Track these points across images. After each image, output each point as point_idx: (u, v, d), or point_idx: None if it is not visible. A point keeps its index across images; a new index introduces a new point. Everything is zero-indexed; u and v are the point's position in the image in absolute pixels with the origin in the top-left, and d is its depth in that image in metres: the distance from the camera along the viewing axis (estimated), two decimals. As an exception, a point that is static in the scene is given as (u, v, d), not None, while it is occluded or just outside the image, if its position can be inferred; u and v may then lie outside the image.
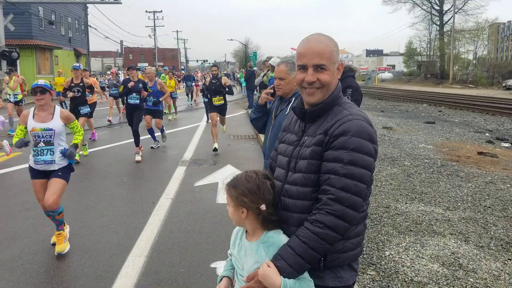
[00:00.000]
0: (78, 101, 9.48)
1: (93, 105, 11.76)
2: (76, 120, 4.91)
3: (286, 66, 3.37)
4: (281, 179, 1.93)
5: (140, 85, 9.46)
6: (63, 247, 4.56)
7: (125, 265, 4.27)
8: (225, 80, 10.18)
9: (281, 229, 1.88)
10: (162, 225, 5.38)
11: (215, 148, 9.98)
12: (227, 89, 10.01)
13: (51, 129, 4.55)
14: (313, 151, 1.80)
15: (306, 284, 1.74)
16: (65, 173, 4.66)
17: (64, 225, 4.75)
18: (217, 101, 10.14)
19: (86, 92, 9.77)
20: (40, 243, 4.84)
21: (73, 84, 9.43)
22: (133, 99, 9.63)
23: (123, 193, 6.84)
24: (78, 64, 9.65)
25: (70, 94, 9.32)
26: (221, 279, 2.01)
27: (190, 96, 24.32)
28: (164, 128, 11.29)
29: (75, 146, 4.72)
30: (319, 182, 1.77)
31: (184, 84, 24.06)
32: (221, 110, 10.43)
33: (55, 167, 4.60)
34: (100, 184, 7.44)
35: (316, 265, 1.77)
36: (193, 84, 23.87)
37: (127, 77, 10.07)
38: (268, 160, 2.25)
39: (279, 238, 1.83)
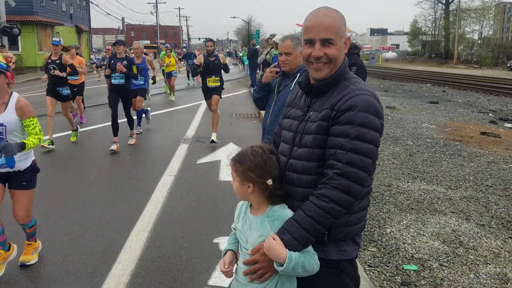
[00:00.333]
0: (56, 81, 8.39)
1: (80, 86, 10.91)
2: (35, 118, 3.64)
3: (292, 41, 3.34)
4: (285, 154, 1.92)
5: (125, 62, 8.14)
6: (29, 258, 3.82)
7: (128, 239, 4.32)
8: (222, 58, 8.92)
9: (285, 204, 1.88)
10: (165, 201, 5.42)
11: (213, 140, 8.48)
12: (222, 67, 8.79)
13: (1, 124, 3.47)
14: (319, 126, 1.78)
15: (310, 257, 1.75)
16: (29, 180, 3.69)
17: (36, 240, 3.95)
18: (212, 82, 8.66)
19: (68, 72, 8.61)
20: (43, 217, 4.88)
21: (50, 61, 8.39)
22: (117, 79, 8.29)
23: (126, 170, 6.87)
24: (58, 39, 8.62)
25: (43, 78, 8.64)
26: (225, 252, 2.01)
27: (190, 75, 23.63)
28: (147, 110, 10.47)
29: (21, 146, 3.41)
30: (325, 156, 1.77)
31: (185, 62, 23.46)
32: (217, 91, 8.89)
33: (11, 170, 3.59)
34: (103, 161, 7.47)
35: (320, 238, 1.79)
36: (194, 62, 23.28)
37: (114, 53, 8.77)
38: (268, 135, 2.25)
39: (284, 212, 1.84)
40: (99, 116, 11.97)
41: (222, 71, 8.86)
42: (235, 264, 1.97)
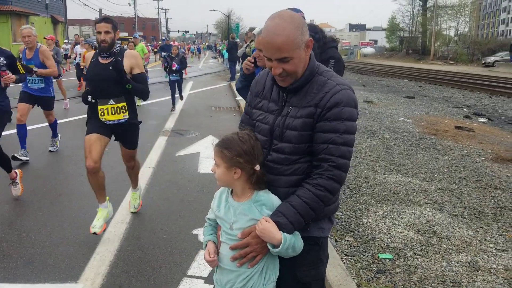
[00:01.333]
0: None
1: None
2: None
3: None
4: (263, 146, 1.96)
5: (1, 59, 5.07)
6: None
7: (107, 231, 4.30)
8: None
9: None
10: (144, 193, 5.39)
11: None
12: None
13: None
14: (304, 123, 1.86)
15: (298, 238, 1.87)
16: None
17: None
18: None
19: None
20: (20, 209, 4.81)
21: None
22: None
23: (104, 163, 6.77)
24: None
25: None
26: (205, 244, 2.03)
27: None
28: (56, 126, 7.52)
29: None
30: (314, 150, 1.87)
31: (162, 56, 21.94)
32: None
33: None
34: (80, 153, 7.35)
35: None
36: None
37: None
38: None
39: (270, 197, 1.90)
40: (74, 108, 11.79)
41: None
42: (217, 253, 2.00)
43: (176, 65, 11.71)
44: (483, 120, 12.17)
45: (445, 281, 3.44)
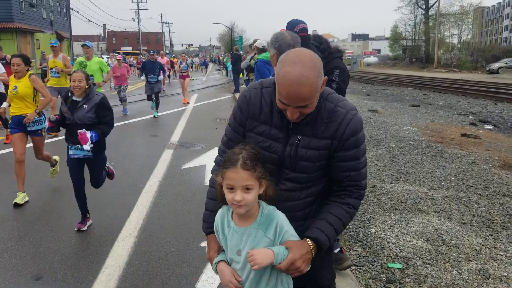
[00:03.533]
0: None
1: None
2: None
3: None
4: (270, 174, 1.87)
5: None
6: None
7: (115, 245, 4.31)
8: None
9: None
10: (151, 206, 5.41)
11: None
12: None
13: None
14: (320, 155, 1.86)
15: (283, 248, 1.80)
16: None
17: None
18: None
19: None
20: (28, 225, 4.84)
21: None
22: None
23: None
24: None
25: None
26: (216, 265, 1.93)
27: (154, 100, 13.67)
28: None
29: None
30: (336, 178, 1.92)
31: (145, 77, 13.62)
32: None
33: None
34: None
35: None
36: (160, 78, 13.86)
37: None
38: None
39: (276, 215, 1.83)
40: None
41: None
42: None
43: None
44: (489, 127, 12.13)
45: (456, 290, 3.41)
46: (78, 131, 4.35)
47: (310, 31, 4.67)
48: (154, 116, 13.26)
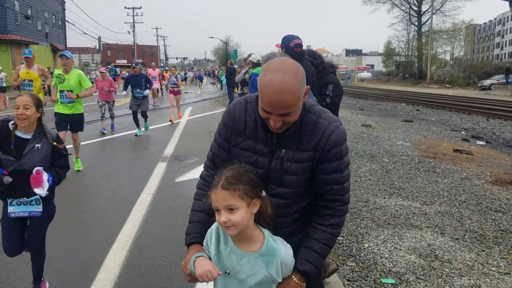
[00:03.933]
0: None
1: None
2: None
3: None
4: None
5: None
6: None
7: (107, 258, 4.27)
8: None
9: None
10: (143, 220, 5.38)
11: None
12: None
13: None
14: (304, 168, 1.85)
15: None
16: None
17: None
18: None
19: None
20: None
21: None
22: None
23: (104, 189, 6.80)
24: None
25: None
26: (194, 260, 1.88)
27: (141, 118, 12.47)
28: None
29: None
30: (320, 191, 1.90)
31: (129, 92, 12.50)
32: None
33: None
34: (80, 179, 7.38)
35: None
36: (146, 93, 12.41)
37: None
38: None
39: (279, 250, 1.80)
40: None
41: None
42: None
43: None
44: (481, 143, 12.23)
45: (449, 306, 3.41)
46: (35, 169, 3.17)
47: (305, 46, 4.72)
48: (136, 135, 11.92)
